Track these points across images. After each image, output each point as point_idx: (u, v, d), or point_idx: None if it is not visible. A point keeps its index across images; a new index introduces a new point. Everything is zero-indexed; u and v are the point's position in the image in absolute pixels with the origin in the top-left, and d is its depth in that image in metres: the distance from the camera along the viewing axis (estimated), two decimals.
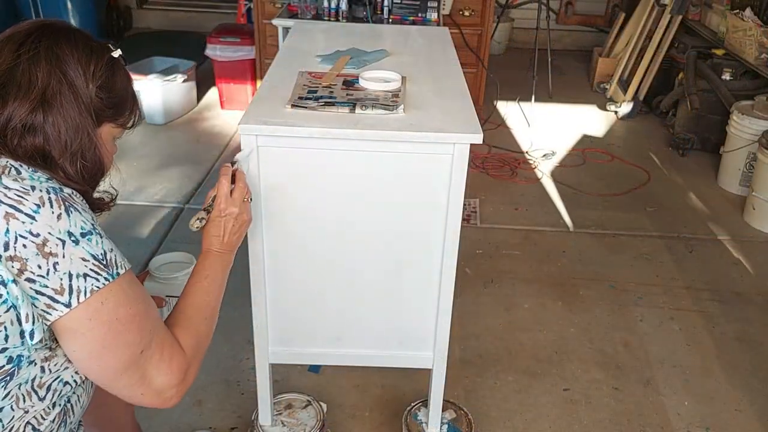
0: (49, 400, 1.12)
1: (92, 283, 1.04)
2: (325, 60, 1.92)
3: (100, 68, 1.16)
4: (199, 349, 1.25)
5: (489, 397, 2.25)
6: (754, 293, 2.88)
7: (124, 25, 6.19)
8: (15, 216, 1.00)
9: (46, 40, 1.11)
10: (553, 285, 2.86)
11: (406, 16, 3.69)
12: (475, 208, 3.45)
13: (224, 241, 1.41)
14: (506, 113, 4.72)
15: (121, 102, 1.22)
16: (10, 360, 1.04)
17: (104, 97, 1.16)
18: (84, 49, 1.15)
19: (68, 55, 1.12)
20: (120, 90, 1.21)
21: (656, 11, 4.81)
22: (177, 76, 4.28)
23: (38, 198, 1.02)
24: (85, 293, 1.04)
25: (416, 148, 1.51)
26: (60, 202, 1.04)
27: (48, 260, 1.01)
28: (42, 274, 1.01)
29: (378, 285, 1.69)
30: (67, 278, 1.02)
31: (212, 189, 1.42)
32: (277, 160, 1.52)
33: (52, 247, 1.01)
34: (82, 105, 1.13)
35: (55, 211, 1.03)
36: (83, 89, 1.13)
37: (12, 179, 1.03)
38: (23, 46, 1.10)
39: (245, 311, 1.78)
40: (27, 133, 1.08)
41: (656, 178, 3.90)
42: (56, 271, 1.02)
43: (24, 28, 1.13)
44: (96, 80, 1.15)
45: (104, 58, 1.18)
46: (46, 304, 1.02)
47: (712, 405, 2.27)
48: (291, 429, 1.90)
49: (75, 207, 1.06)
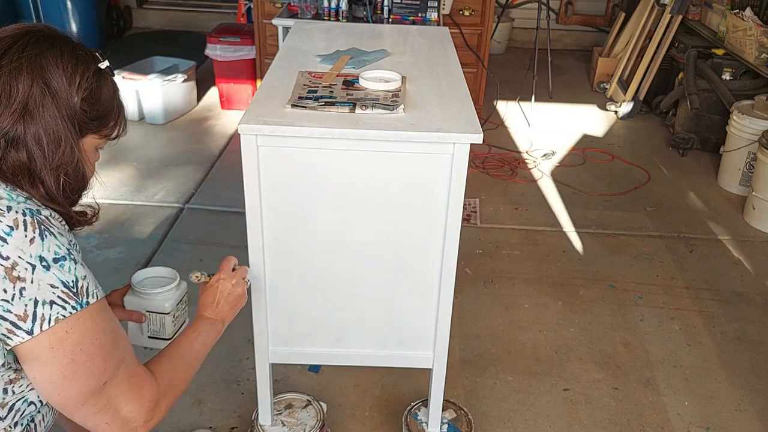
0: (11, 419, 1.11)
1: (58, 311, 1.02)
2: (325, 60, 1.92)
3: (86, 79, 1.11)
4: (173, 386, 1.23)
5: (489, 397, 2.25)
6: (754, 293, 2.88)
7: (124, 24, 6.19)
8: None
9: (30, 49, 1.07)
10: (553, 285, 2.86)
11: (406, 16, 3.69)
12: (475, 208, 3.45)
13: (217, 308, 1.44)
14: (506, 113, 4.72)
15: (106, 113, 1.18)
16: None
17: (89, 109, 1.12)
18: (70, 59, 1.10)
19: (53, 66, 1.08)
20: (105, 101, 1.17)
21: (656, 11, 4.81)
22: (177, 76, 4.28)
23: (12, 220, 1.00)
24: (49, 321, 1.01)
25: (416, 148, 1.51)
26: (35, 225, 1.01)
27: (15, 285, 0.99)
28: (7, 299, 0.99)
29: (378, 284, 1.69)
30: (32, 305, 1.00)
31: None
32: (277, 160, 1.52)
33: (21, 271, 0.99)
34: (65, 117, 1.09)
35: (29, 234, 1.00)
36: (67, 101, 1.09)
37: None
38: (5, 56, 1.06)
39: (245, 311, 1.78)
40: (10, 147, 1.05)
41: (656, 178, 3.90)
42: (22, 297, 0.99)
43: (8, 35, 1.08)
44: (81, 92, 1.10)
45: (91, 69, 1.13)
46: (8, 329, 1.00)
47: (712, 405, 2.27)
48: (291, 429, 1.90)
49: (50, 231, 1.03)
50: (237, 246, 2.96)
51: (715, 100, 4.07)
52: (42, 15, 5.42)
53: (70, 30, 5.49)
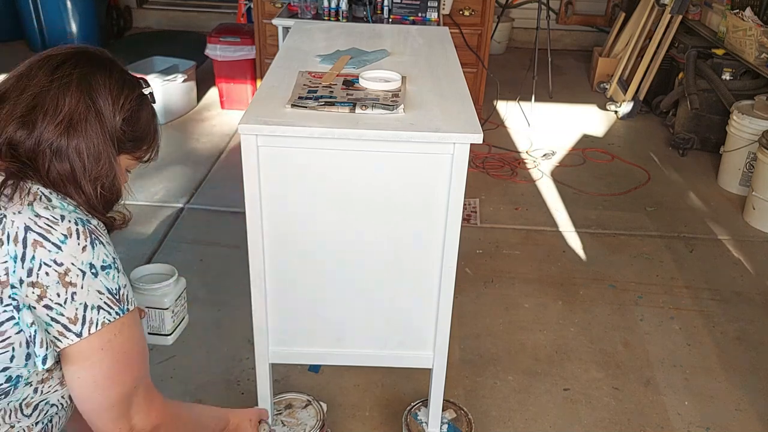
0: (34, 419, 1.15)
1: (104, 316, 1.08)
2: (325, 60, 1.92)
3: (129, 102, 1.18)
4: (176, 423, 1.28)
5: (489, 397, 2.25)
6: (754, 293, 2.88)
7: (124, 24, 6.19)
8: (42, 244, 1.03)
9: (81, 67, 1.14)
10: (553, 285, 2.86)
11: (406, 16, 3.69)
12: (475, 208, 3.45)
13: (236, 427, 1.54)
14: (506, 113, 4.72)
15: (143, 136, 1.25)
16: (9, 379, 1.06)
17: (127, 129, 1.19)
18: (117, 81, 1.18)
19: (101, 85, 1.15)
20: (144, 125, 1.24)
21: (656, 11, 4.81)
22: (177, 76, 4.28)
23: (66, 229, 1.06)
24: (96, 325, 1.08)
25: (416, 148, 1.51)
26: (87, 234, 1.08)
27: (67, 289, 1.05)
28: (60, 302, 1.05)
29: (378, 284, 1.69)
30: (82, 309, 1.06)
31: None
32: (277, 160, 1.52)
33: (73, 277, 1.05)
34: (106, 133, 1.15)
35: (81, 242, 1.06)
36: (110, 119, 1.15)
37: (43, 207, 1.06)
38: (58, 71, 1.12)
39: (245, 311, 1.78)
40: (55, 158, 1.11)
41: (656, 178, 3.90)
42: (73, 301, 1.05)
43: (62, 52, 1.16)
44: (123, 113, 1.17)
45: (135, 92, 1.21)
46: (59, 331, 1.06)
47: (712, 405, 2.27)
48: (291, 429, 1.90)
49: (100, 240, 1.10)
50: (237, 246, 2.98)
51: (715, 100, 4.07)
52: (42, 15, 5.41)
53: (70, 30, 5.49)
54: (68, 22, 5.47)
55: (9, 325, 1.02)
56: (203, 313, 2.55)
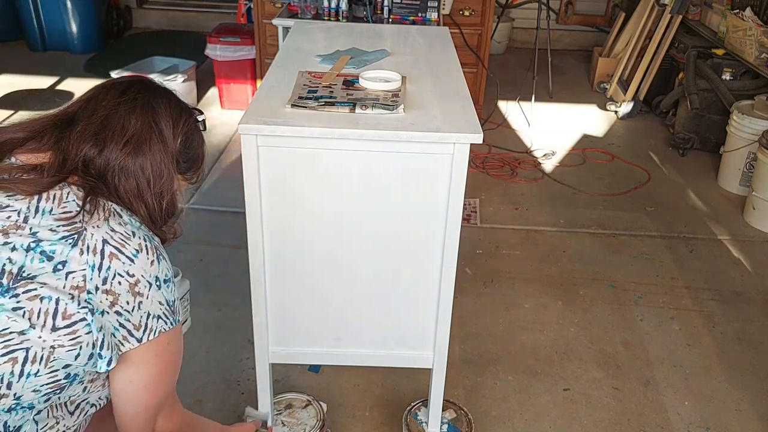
0: (76, 417, 1.21)
1: (162, 325, 1.18)
2: (325, 60, 1.92)
3: (186, 125, 1.29)
4: (189, 430, 1.38)
5: (489, 397, 2.25)
6: (754, 293, 2.88)
7: (124, 24, 6.19)
8: (117, 257, 1.13)
9: (144, 93, 1.26)
10: (553, 285, 2.86)
11: (406, 16, 3.69)
12: (475, 208, 3.45)
13: None
14: (506, 113, 4.72)
15: (194, 159, 1.35)
16: (68, 376, 1.12)
17: (183, 151, 1.29)
18: (176, 107, 1.29)
19: (163, 110, 1.26)
20: (196, 148, 1.35)
21: (656, 11, 4.81)
22: (177, 76, 4.28)
23: (138, 244, 1.16)
24: (154, 332, 1.17)
25: (416, 148, 1.51)
26: (153, 250, 1.18)
27: (135, 298, 1.14)
28: (128, 310, 1.14)
29: (378, 284, 1.69)
30: (145, 317, 1.16)
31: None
32: (277, 160, 1.52)
33: (141, 288, 1.15)
34: (168, 153, 1.25)
35: (150, 257, 1.17)
36: (170, 140, 1.26)
37: (117, 223, 1.15)
38: (125, 95, 1.24)
39: (245, 311, 1.78)
40: (122, 175, 1.20)
41: (656, 178, 3.90)
42: (139, 309, 1.15)
43: (125, 80, 1.29)
44: (181, 135, 1.28)
45: (192, 117, 1.33)
46: (123, 336, 1.15)
47: (712, 405, 2.27)
48: (291, 429, 1.90)
49: (163, 256, 1.20)
50: (237, 246, 2.98)
51: (715, 100, 4.07)
52: (42, 15, 5.42)
53: (70, 30, 5.49)
54: (68, 22, 5.47)
55: (81, 326, 1.09)
56: (203, 313, 2.55)
